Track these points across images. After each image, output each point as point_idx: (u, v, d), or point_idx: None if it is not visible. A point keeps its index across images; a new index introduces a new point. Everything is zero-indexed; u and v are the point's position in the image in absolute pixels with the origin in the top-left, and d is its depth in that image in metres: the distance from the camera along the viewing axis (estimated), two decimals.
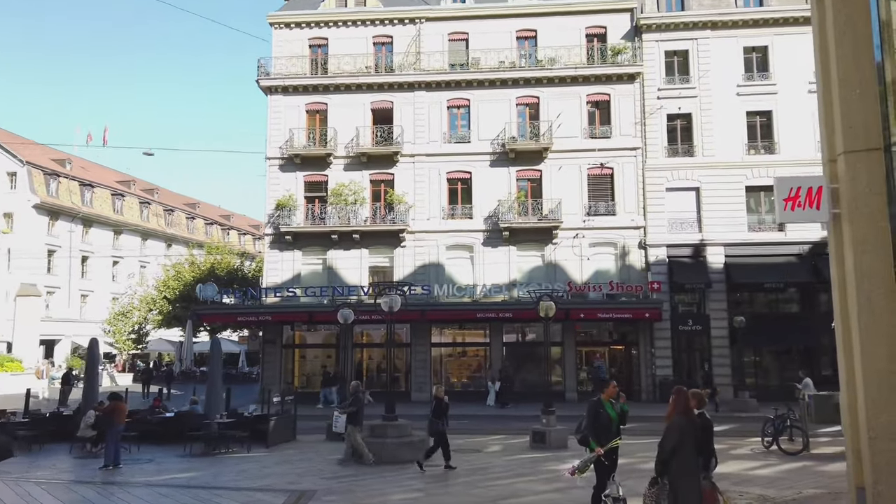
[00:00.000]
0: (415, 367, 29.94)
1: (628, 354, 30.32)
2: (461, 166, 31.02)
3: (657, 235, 29.73)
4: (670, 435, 7.25)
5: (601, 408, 8.81)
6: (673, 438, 7.23)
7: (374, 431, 14.55)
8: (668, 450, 7.19)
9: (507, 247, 30.20)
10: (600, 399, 8.98)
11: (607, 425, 8.80)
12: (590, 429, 8.63)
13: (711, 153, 29.95)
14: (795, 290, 29.09)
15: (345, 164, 31.42)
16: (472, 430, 20.41)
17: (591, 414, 8.73)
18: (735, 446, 16.56)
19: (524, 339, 30.90)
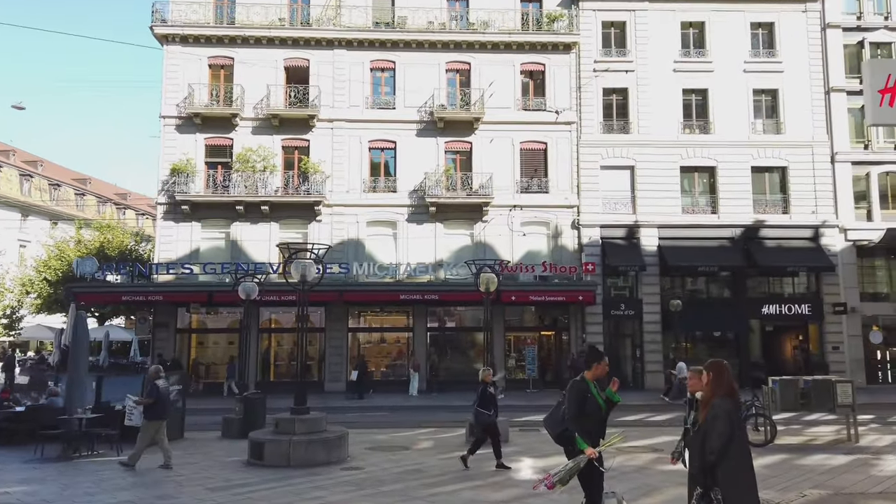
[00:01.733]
0: (329, 354, 27.06)
1: (558, 340, 28.66)
2: (385, 135, 28.30)
3: (591, 215, 28.17)
4: (719, 426, 5.03)
5: (588, 392, 6.48)
6: (723, 432, 5.01)
7: (280, 427, 11.76)
8: (719, 449, 4.97)
9: (434, 224, 27.79)
10: (585, 380, 6.62)
11: (597, 416, 6.50)
12: (575, 420, 6.31)
13: (647, 131, 28.68)
14: (727, 274, 28.30)
15: (253, 127, 27.98)
16: (397, 423, 17.91)
17: (575, 400, 6.37)
18: None
19: (450, 323, 28.62)
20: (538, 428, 16.88)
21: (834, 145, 28.64)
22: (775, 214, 28.49)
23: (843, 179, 28.51)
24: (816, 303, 28.08)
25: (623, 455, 12.34)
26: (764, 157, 28.67)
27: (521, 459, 11.97)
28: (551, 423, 6.69)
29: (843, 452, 12.61)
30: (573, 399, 6.39)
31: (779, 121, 28.99)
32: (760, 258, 27.26)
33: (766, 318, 28.06)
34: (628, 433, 15.77)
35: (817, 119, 28.83)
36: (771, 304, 28.07)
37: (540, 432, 15.92)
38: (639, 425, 17.90)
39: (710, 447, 5.02)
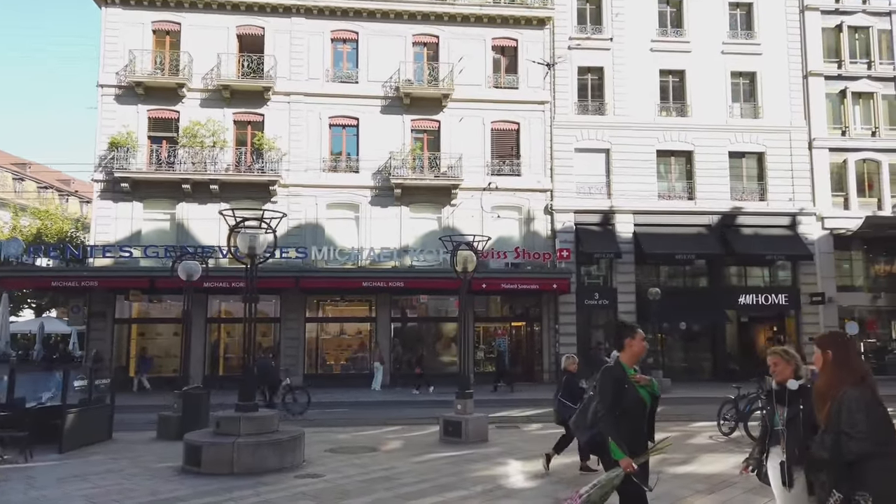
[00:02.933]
0: (285, 346, 24.99)
1: (530, 331, 27.19)
2: (347, 110, 26.32)
3: (565, 200, 26.76)
4: (860, 426, 3.47)
5: (625, 381, 4.81)
6: (866, 433, 3.46)
7: (222, 427, 9.84)
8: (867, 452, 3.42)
9: (399, 207, 25.96)
10: (620, 364, 4.98)
11: (639, 413, 4.83)
12: (609, 420, 4.65)
13: (623, 113, 27.40)
14: (704, 263, 27.27)
15: (202, 99, 25.66)
16: (360, 421, 16.09)
17: (610, 392, 4.72)
18: (686, 434, 13.49)
19: (417, 313, 26.87)
20: (517, 424, 15.31)
21: (812, 131, 27.86)
22: (752, 201, 27.58)
23: (820, 166, 27.76)
24: (793, 293, 27.28)
25: None
26: (741, 142, 27.72)
27: (506, 462, 10.33)
28: (580, 424, 5.01)
29: None
30: (606, 391, 4.72)
31: (757, 105, 28.07)
32: (738, 246, 26.28)
33: (742, 308, 27.13)
34: None
35: (795, 104, 28.01)
36: (748, 294, 27.16)
37: (521, 429, 14.35)
38: None
39: (849, 450, 3.46)
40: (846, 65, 28.26)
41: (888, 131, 28.16)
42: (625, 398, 4.68)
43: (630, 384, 4.76)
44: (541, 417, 16.84)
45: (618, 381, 4.74)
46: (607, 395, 4.67)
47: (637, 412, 4.72)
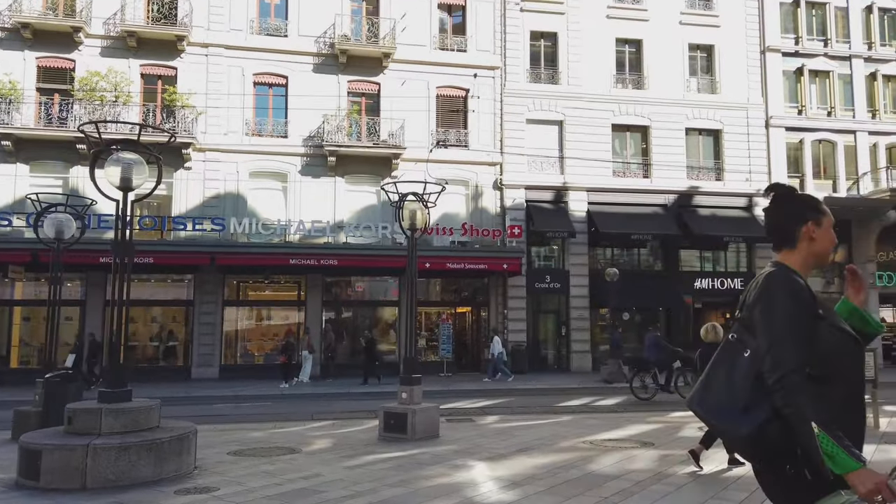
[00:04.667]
0: (199, 333, 21.85)
1: (476, 317, 24.95)
2: (274, 67, 23.32)
3: (515, 175, 24.63)
4: None
5: (819, 306, 2.23)
6: None
7: (76, 424, 7.04)
8: None
9: (334, 178, 23.21)
10: (793, 273, 2.30)
11: (856, 377, 2.23)
12: (806, 393, 2.02)
13: (578, 83, 25.49)
14: (659, 245, 25.71)
15: (103, 48, 22.15)
16: (282, 416, 13.38)
17: (794, 325, 2.12)
18: (671, 426, 11.47)
19: (351, 295, 24.19)
20: (470, 417, 12.96)
21: (769, 109, 26.72)
22: (709, 181, 26.22)
23: (777, 146, 26.66)
24: (749, 278, 26.02)
25: (612, 453, 8.59)
26: (699, 119, 26.30)
27: (468, 464, 7.93)
28: (724, 404, 2.33)
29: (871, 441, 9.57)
30: (783, 325, 2.18)
31: (714, 80, 26.72)
32: (695, 227, 24.81)
33: (698, 292, 25.72)
34: (586, 421, 12.21)
35: (752, 80, 26.81)
36: (704, 278, 25.80)
37: (476, 423, 12.01)
38: (590, 411, 14.40)
39: None
40: (803, 41, 27.28)
41: (844, 112, 27.36)
42: (827, 339, 2.21)
43: (830, 313, 2.32)
44: (496, 409, 14.59)
45: (802, 302, 2.28)
46: (787, 335, 2.16)
47: (854, 371, 2.25)
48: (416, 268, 10.45)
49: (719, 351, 2.28)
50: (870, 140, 27.26)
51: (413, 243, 10.47)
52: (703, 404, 2.22)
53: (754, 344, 2.14)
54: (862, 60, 27.51)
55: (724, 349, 2.26)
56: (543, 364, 24.73)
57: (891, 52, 27.84)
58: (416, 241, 10.57)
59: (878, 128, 27.34)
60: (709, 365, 2.28)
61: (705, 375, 2.26)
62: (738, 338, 2.22)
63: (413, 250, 10.43)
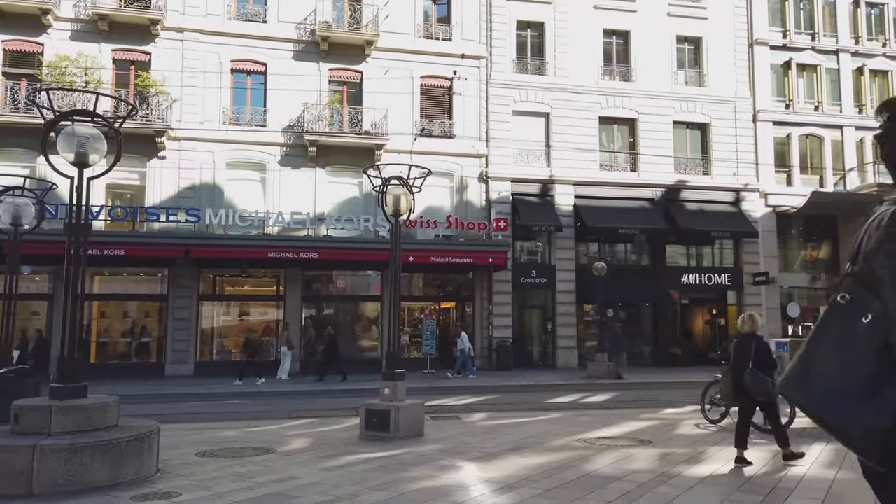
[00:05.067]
0: (173, 329, 21.04)
1: (461, 313, 24.38)
2: (253, 54, 22.56)
3: (501, 167, 24.09)
4: None
5: None
6: None
7: (23, 422, 6.35)
8: None
9: (314, 169, 22.50)
10: None
11: None
12: None
13: (565, 74, 25.02)
14: (646, 240, 25.31)
15: (73, 31, 21.25)
16: (258, 414, 12.73)
17: None
18: (666, 423, 10.98)
19: (332, 290, 23.50)
20: (456, 414, 12.38)
21: (756, 102, 26.45)
22: (696, 175, 25.89)
23: (764, 140, 26.40)
24: (736, 273, 25.80)
25: (609, 452, 8.06)
26: (686, 112, 25.95)
27: (456, 465, 7.35)
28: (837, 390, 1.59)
29: None
30: None
31: (702, 73, 26.39)
32: (682, 222, 24.46)
33: (685, 288, 25.38)
34: (577, 418, 11.69)
35: (740, 73, 26.52)
36: (691, 274, 25.46)
37: (462, 420, 11.44)
38: (580, 408, 13.88)
39: None
40: (791, 35, 27.04)
41: (831, 106, 27.18)
42: None
43: None
44: (483, 406, 14.03)
45: None
46: None
47: None
48: (399, 255, 9.85)
49: (823, 319, 1.69)
50: (856, 135, 27.10)
51: (397, 230, 9.87)
52: (805, 391, 1.63)
53: (878, 305, 1.57)
54: (849, 55, 27.35)
55: (832, 316, 1.67)
56: (529, 360, 24.23)
57: (877, 47, 27.71)
58: (399, 228, 9.96)
59: (865, 123, 27.15)
60: (808, 338, 1.70)
61: (804, 352, 1.68)
62: (853, 298, 1.64)
63: (397, 237, 9.82)
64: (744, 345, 7.57)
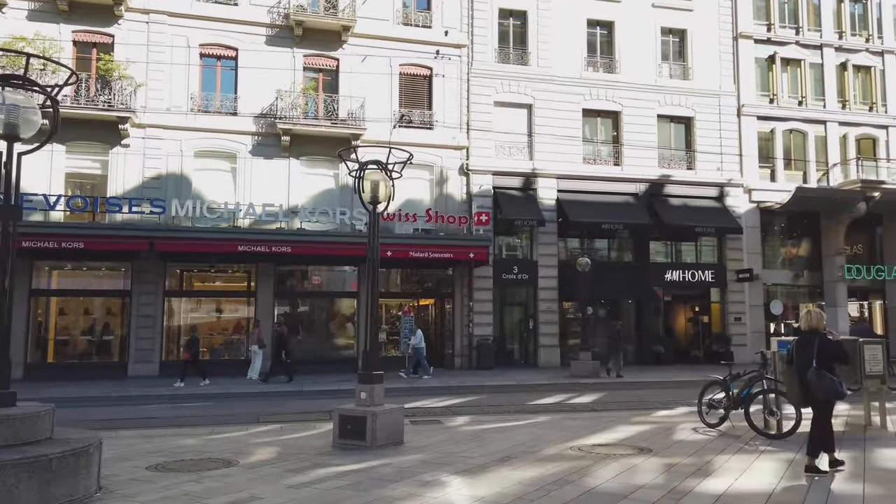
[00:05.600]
0: (137, 326, 19.93)
1: (440, 310, 23.60)
2: (223, 38, 21.49)
3: (482, 160, 23.34)
4: None
5: None
6: None
7: None
8: None
9: (288, 159, 21.54)
10: None
11: None
12: None
13: (547, 64, 24.34)
14: (629, 236, 24.75)
15: (31, 10, 20.01)
16: (223, 419, 11.83)
17: None
18: (661, 427, 10.32)
19: (307, 287, 22.56)
20: (438, 418, 11.60)
21: (741, 97, 26.04)
22: (680, 170, 25.40)
23: (748, 135, 26.00)
24: (720, 270, 25.37)
25: (608, 463, 7.34)
26: (670, 105, 25.44)
27: (442, 480, 6.57)
28: None
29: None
30: None
31: (686, 66, 25.89)
32: (666, 217, 23.95)
33: (669, 285, 24.88)
34: (566, 422, 10.97)
35: (725, 67, 26.08)
36: (674, 270, 24.96)
37: (444, 425, 10.66)
38: (567, 410, 13.19)
39: None
40: (776, 28, 26.68)
41: (815, 101, 26.88)
42: None
43: None
44: (465, 408, 13.28)
45: None
46: None
47: None
48: (377, 246, 9.03)
49: None
50: (840, 131, 26.86)
51: (375, 218, 9.05)
52: None
53: None
54: (833, 50, 27.09)
55: None
56: (510, 359, 23.55)
57: (861, 42, 27.49)
58: (377, 217, 9.13)
59: (848, 118, 26.97)
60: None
61: None
62: None
63: (375, 226, 9.00)
64: (806, 342, 7.02)
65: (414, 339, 19.48)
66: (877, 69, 27.50)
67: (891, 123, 27.31)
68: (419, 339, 19.50)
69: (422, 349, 19.45)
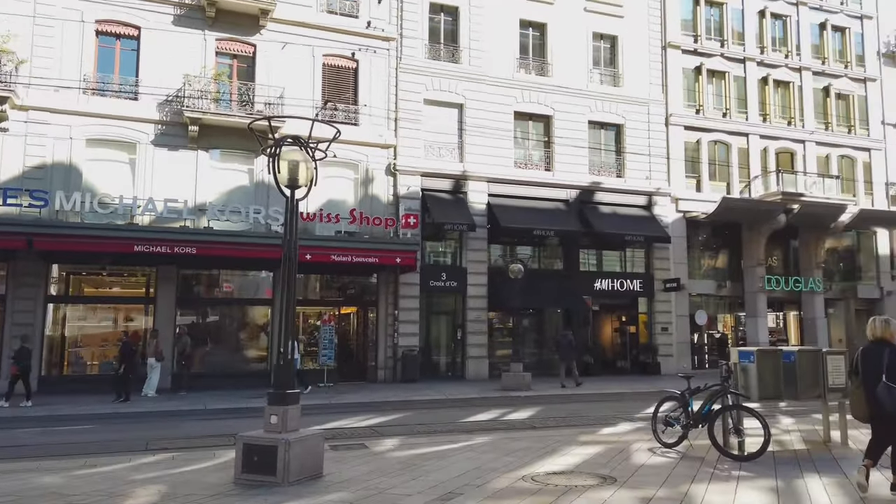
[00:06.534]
0: (11, 336, 17.23)
1: (363, 319, 22.04)
2: (123, 15, 19.28)
3: (411, 160, 22.07)
4: None
5: None
6: None
7: None
8: None
9: (196, 151, 19.51)
10: None
11: None
12: None
13: (479, 63, 23.41)
14: (560, 242, 24.08)
15: None
16: (104, 446, 9.89)
17: None
18: (612, 446, 9.28)
19: (216, 293, 20.48)
20: (362, 441, 10.09)
21: (669, 106, 26.02)
22: (610, 177, 25.01)
23: (676, 144, 25.99)
24: (647, 279, 25.10)
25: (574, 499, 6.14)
26: (601, 111, 25.05)
27: None
28: None
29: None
30: None
31: (617, 72, 25.61)
32: (597, 224, 23.45)
33: (598, 294, 24.34)
34: (509, 444, 9.76)
35: (654, 75, 26.01)
36: (604, 279, 24.46)
37: (370, 450, 9.19)
38: (505, 427, 11.99)
39: None
40: (702, 40, 26.90)
41: (738, 114, 27.24)
42: None
43: None
44: (391, 427, 11.86)
45: None
46: None
47: None
48: (295, 239, 7.55)
49: None
50: (761, 144, 27.33)
51: (293, 205, 7.56)
52: None
53: None
54: (755, 64, 27.58)
55: None
56: (436, 371, 22.27)
57: (781, 58, 28.15)
58: (296, 205, 7.65)
59: (769, 132, 27.49)
60: None
61: None
62: None
63: (293, 214, 7.52)
64: (874, 353, 6.17)
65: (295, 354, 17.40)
66: (795, 85, 28.24)
67: (807, 138, 28.06)
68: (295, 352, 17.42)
69: (295, 362, 17.32)
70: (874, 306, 29.07)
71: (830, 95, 28.93)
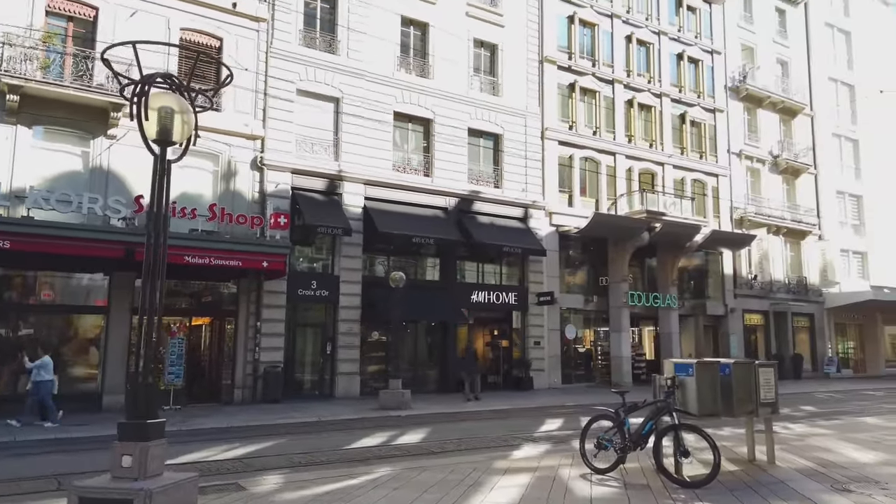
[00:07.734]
0: None
1: (219, 331, 19.36)
2: None
3: (281, 154, 19.92)
4: None
5: None
6: None
7: None
8: None
9: (15, 126, 16.04)
10: None
11: None
12: None
13: (358, 57, 21.84)
14: (437, 251, 22.99)
15: None
16: None
17: None
18: (538, 473, 8.10)
19: (31, 300, 16.89)
20: (237, 480, 8.02)
21: (545, 120, 26.04)
22: (489, 187, 24.41)
23: (551, 158, 26.03)
24: (522, 292, 24.72)
25: None
26: (481, 120, 24.45)
27: None
28: None
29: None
30: None
31: (497, 81, 25.20)
32: (475, 234, 22.67)
33: (474, 306, 23.50)
34: (418, 476, 8.22)
35: (531, 88, 25.92)
36: (480, 291, 23.70)
37: (246, 491, 7.21)
38: (401, 455, 10.41)
39: None
40: (576, 58, 27.33)
41: (607, 133, 27.93)
42: None
43: None
44: (266, 459, 9.86)
45: None
46: None
47: None
48: (166, 215, 5.60)
49: None
50: (627, 163, 28.20)
51: (164, 167, 5.60)
52: None
53: None
54: (622, 86, 28.52)
55: None
56: (300, 389, 20.08)
57: (644, 83, 29.36)
58: (168, 168, 5.69)
59: (633, 153, 28.46)
60: None
61: None
62: None
63: (164, 179, 5.56)
64: None
65: (37, 371, 13.35)
66: (656, 110, 29.59)
67: (666, 161, 29.44)
68: (47, 367, 13.50)
69: (47, 384, 13.40)
70: (720, 322, 31.10)
71: (686, 122, 30.71)
